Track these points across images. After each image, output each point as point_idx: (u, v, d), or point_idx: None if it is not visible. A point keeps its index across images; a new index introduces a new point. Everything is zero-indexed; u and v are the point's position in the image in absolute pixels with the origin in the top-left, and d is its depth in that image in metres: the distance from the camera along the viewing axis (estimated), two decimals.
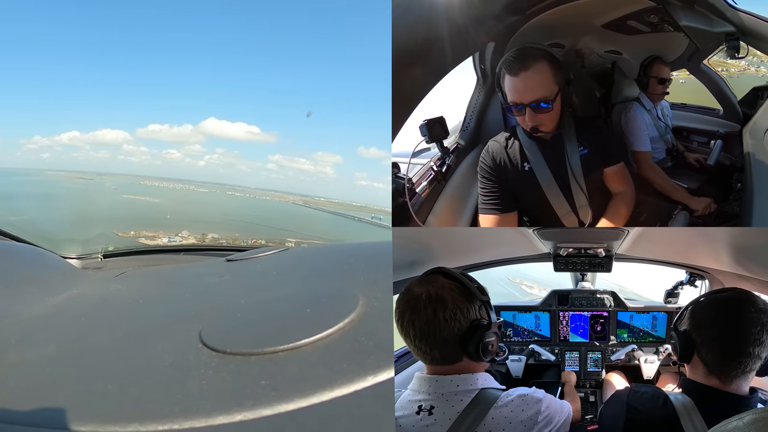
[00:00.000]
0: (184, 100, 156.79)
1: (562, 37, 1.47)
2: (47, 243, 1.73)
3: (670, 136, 1.60)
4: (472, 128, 1.56)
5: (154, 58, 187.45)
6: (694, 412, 0.81)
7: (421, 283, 0.87)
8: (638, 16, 1.37)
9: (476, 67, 1.52)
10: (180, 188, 8.36)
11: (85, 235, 2.21)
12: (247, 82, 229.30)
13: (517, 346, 1.77)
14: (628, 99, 1.55)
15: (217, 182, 17.53)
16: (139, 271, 1.56)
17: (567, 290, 1.82)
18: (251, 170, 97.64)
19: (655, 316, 1.73)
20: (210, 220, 6.45)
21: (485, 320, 0.86)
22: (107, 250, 1.87)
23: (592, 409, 1.61)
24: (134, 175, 5.60)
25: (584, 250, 1.62)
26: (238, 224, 6.59)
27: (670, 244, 1.55)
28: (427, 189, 1.34)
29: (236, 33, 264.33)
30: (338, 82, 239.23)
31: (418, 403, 0.85)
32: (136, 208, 7.03)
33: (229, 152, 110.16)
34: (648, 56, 1.53)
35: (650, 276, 1.81)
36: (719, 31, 1.27)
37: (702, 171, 1.57)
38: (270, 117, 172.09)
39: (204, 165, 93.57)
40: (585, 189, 1.23)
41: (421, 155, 1.44)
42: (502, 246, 1.66)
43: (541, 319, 1.79)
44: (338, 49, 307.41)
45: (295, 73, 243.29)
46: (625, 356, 1.67)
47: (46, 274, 1.29)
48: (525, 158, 1.23)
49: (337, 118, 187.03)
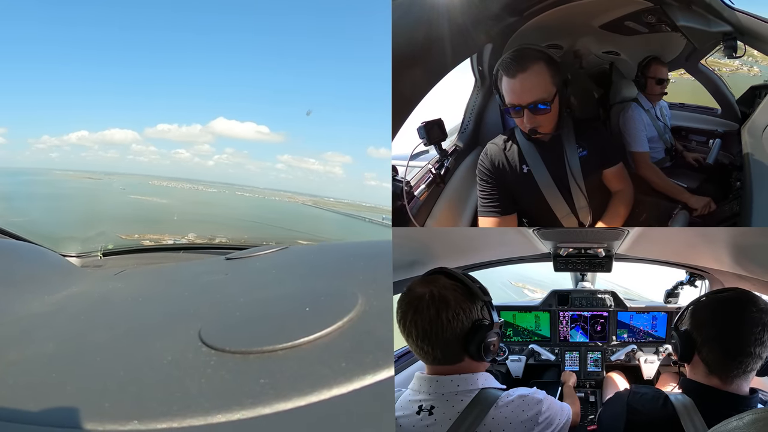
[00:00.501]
0: (193, 100, 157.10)
1: (560, 38, 1.47)
2: (49, 242, 1.73)
3: (669, 136, 1.60)
4: (471, 130, 1.56)
5: (163, 57, 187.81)
6: (694, 412, 0.81)
7: (423, 283, 0.87)
8: (636, 16, 1.37)
9: (474, 68, 1.51)
10: (189, 188, 8.23)
11: (86, 234, 2.21)
12: (256, 81, 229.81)
13: (517, 346, 1.77)
14: (626, 99, 1.55)
15: (226, 182, 17.44)
16: (139, 269, 1.55)
17: (567, 290, 1.82)
18: (260, 170, 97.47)
19: (655, 316, 1.73)
20: (218, 221, 6.40)
21: (487, 320, 0.87)
22: (107, 248, 1.87)
23: (592, 408, 1.61)
24: (143, 174, 5.47)
25: (584, 250, 1.62)
26: (247, 225, 6.55)
27: (670, 244, 1.55)
28: (425, 192, 1.34)
29: (244, 33, 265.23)
30: (347, 82, 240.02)
31: (419, 403, 0.85)
32: (143, 208, 6.95)
33: (239, 152, 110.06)
34: (646, 57, 1.53)
35: (650, 276, 1.81)
36: (716, 31, 1.28)
37: (701, 170, 1.57)
38: (279, 117, 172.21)
39: (213, 165, 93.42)
40: (584, 190, 1.23)
41: (420, 158, 1.43)
42: (503, 246, 1.66)
43: (541, 319, 1.79)
44: (342, 49, 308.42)
45: (304, 72, 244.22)
46: (625, 356, 1.67)
47: (45, 272, 1.29)
48: (523, 160, 1.23)
49: (346, 118, 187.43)
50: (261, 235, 5.63)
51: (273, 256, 1.22)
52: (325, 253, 1.26)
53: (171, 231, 3.94)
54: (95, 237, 2.16)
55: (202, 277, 1.12)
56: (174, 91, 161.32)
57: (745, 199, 1.23)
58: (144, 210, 6.86)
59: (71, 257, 1.77)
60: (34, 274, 1.24)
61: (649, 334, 1.73)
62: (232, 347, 0.66)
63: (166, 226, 4.87)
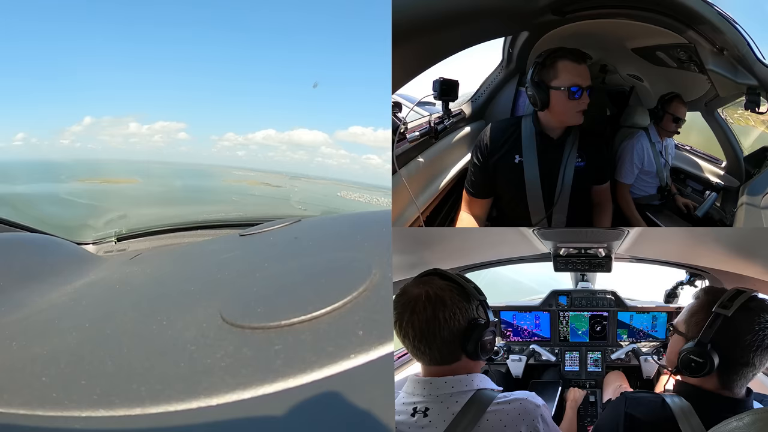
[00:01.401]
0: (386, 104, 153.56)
1: (593, 48, 1.47)
2: (63, 232, 1.72)
3: (667, 175, 1.59)
4: (481, 102, 1.59)
5: (355, 59, 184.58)
6: (691, 415, 0.80)
7: (418, 284, 0.87)
8: (668, 49, 1.37)
9: (505, 49, 1.54)
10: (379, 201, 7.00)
11: (99, 221, 2.20)
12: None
13: (517, 346, 1.77)
14: (637, 126, 1.57)
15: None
16: (155, 251, 1.56)
17: (567, 290, 1.82)
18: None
19: (655, 316, 1.73)
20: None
21: (483, 319, 0.87)
22: (120, 233, 1.87)
23: (593, 408, 1.61)
24: (332, 179, 4.98)
25: (584, 250, 1.62)
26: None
27: (670, 244, 1.55)
28: (416, 140, 1.34)
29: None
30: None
31: (413, 405, 0.84)
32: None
33: None
34: (670, 92, 1.52)
35: (650, 276, 1.81)
36: (742, 83, 1.26)
37: (687, 218, 1.56)
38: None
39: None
40: (568, 199, 1.26)
41: (425, 107, 1.45)
42: (502, 246, 1.66)
43: (541, 319, 1.79)
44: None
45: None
46: (625, 356, 1.67)
47: (62, 262, 1.29)
48: (519, 150, 1.25)
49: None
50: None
51: (285, 230, 1.23)
52: (336, 224, 1.27)
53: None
54: (108, 223, 2.15)
55: (217, 255, 1.12)
56: (367, 95, 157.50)
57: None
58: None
59: (87, 245, 1.78)
60: (52, 264, 1.24)
61: (649, 334, 1.73)
62: (251, 323, 0.66)
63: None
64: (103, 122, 11.54)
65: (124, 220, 2.29)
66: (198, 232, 1.88)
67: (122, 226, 1.97)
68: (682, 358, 0.86)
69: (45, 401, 0.56)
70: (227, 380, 0.55)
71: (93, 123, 11.02)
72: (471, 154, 1.31)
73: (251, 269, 0.94)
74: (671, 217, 1.54)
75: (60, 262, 1.30)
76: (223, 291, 0.83)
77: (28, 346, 0.73)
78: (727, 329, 0.82)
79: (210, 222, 1.95)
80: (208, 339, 0.65)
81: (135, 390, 0.56)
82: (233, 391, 0.54)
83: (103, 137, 11.85)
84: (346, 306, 0.68)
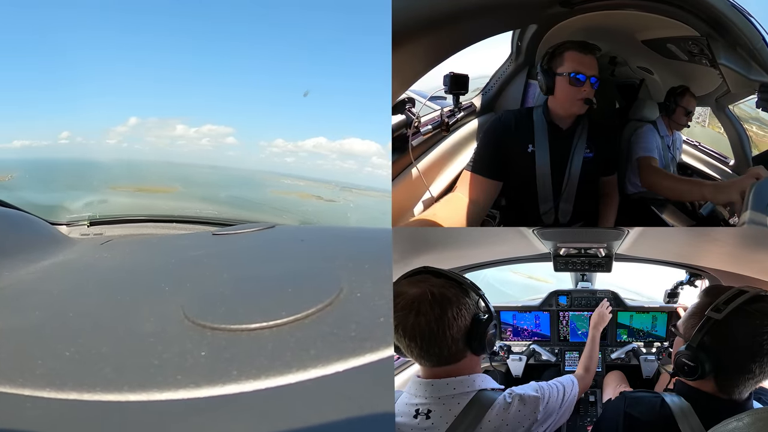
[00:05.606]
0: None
1: (602, 40, 1.44)
2: (39, 210, 1.70)
3: (674, 169, 1.57)
4: (491, 95, 1.60)
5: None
6: (690, 415, 0.80)
7: (414, 283, 0.85)
8: (679, 42, 1.35)
9: (513, 42, 1.55)
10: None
11: (76, 202, 2.16)
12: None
13: (517, 346, 1.77)
14: (645, 120, 1.54)
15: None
16: (126, 239, 1.54)
17: (567, 290, 1.82)
18: None
19: (655, 316, 1.73)
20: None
21: (486, 314, 0.87)
22: (93, 217, 1.85)
23: (593, 408, 1.61)
24: (381, 190, 4.59)
25: (584, 250, 1.62)
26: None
27: (670, 244, 1.54)
28: (429, 132, 1.37)
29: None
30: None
31: (416, 406, 0.84)
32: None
33: None
34: (681, 85, 1.49)
35: (650, 276, 1.81)
36: (755, 80, 1.22)
37: (691, 215, 1.53)
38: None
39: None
40: (575, 189, 1.26)
41: (436, 101, 1.47)
42: (502, 246, 1.66)
43: (541, 319, 1.80)
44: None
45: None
46: (625, 356, 1.67)
47: (34, 240, 1.28)
48: (531, 140, 1.26)
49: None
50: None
51: (258, 235, 1.22)
52: (312, 234, 1.27)
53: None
54: (85, 206, 2.11)
55: (187, 251, 1.12)
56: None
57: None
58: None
59: (60, 225, 1.75)
60: (23, 241, 1.24)
61: (649, 334, 1.73)
62: (212, 323, 0.66)
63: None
64: (148, 123, 11.57)
65: (103, 204, 2.25)
66: (173, 225, 1.85)
67: (98, 211, 1.94)
68: (676, 360, 0.84)
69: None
70: (179, 377, 0.56)
71: (138, 124, 10.99)
72: (482, 137, 1.32)
73: (219, 269, 0.93)
74: (676, 213, 1.51)
75: (32, 239, 1.29)
76: (188, 288, 0.83)
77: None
78: (719, 334, 0.80)
79: (185, 217, 1.91)
80: (167, 334, 0.66)
81: (88, 375, 0.57)
82: (183, 388, 0.54)
83: (150, 138, 11.89)
84: (310, 317, 0.68)
